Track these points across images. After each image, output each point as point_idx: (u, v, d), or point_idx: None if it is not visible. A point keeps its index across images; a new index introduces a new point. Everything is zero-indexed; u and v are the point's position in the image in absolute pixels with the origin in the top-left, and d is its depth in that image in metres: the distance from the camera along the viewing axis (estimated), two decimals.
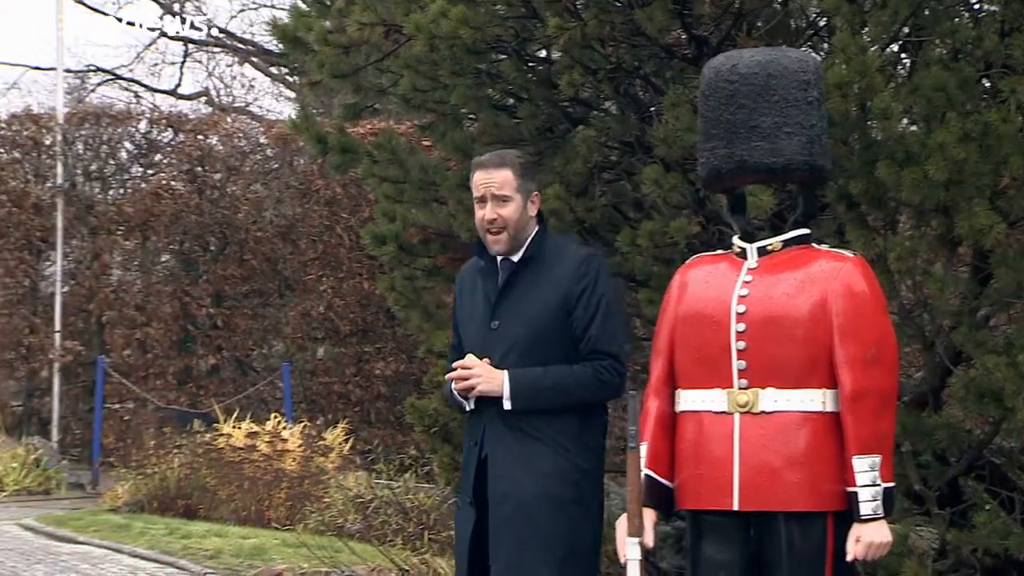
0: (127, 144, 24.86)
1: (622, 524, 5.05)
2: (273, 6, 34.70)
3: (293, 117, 9.18)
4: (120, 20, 33.89)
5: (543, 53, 8.33)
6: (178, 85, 36.83)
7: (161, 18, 35.58)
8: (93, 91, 34.91)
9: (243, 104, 36.71)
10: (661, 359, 5.22)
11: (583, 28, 7.18)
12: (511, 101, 8.33)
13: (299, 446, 16.31)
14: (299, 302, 24.18)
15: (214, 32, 34.88)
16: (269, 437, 16.32)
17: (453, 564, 9.43)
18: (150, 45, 36.58)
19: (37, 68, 35.05)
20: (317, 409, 22.39)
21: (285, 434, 16.62)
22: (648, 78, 7.95)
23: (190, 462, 16.13)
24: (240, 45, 36.38)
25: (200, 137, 24.88)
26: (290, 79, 34.49)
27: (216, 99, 36.71)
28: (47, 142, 24.10)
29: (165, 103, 32.65)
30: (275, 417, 17.52)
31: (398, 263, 8.81)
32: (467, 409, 5.53)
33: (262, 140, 25.43)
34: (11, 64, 36.02)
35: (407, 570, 9.73)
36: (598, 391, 5.43)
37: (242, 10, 36.89)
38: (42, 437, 21.89)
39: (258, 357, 24.74)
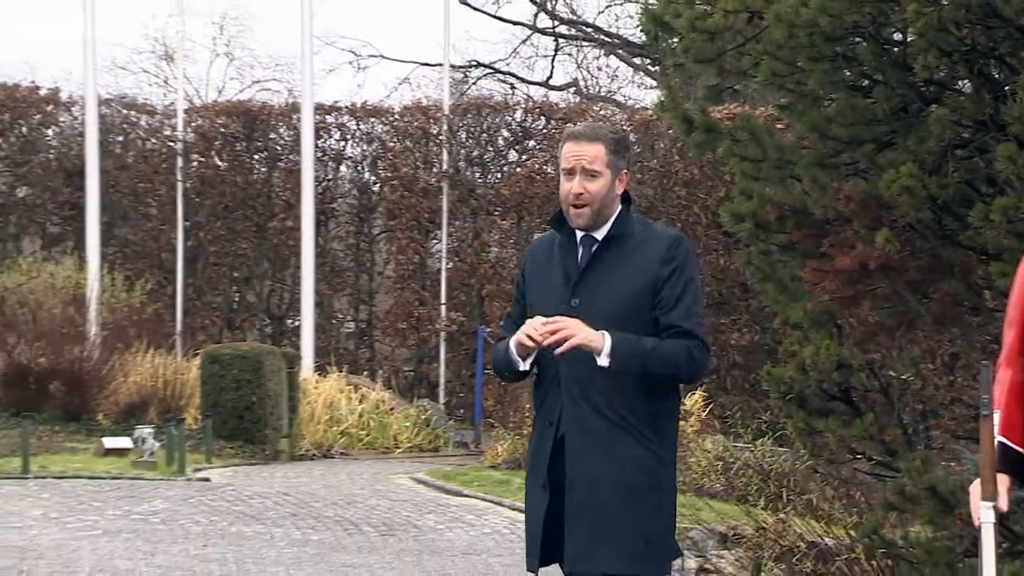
0: (504, 132, 25.25)
1: (976, 489, 4.83)
2: (637, 1, 34.72)
3: (659, 100, 9.13)
4: (499, 18, 34.51)
5: (898, 36, 8.07)
6: (550, 77, 37.22)
7: (536, 15, 36.08)
8: (474, 84, 35.56)
9: (608, 93, 36.86)
10: (1014, 329, 4.96)
11: (940, 12, 6.93)
12: (866, 83, 8.10)
13: None
14: None
15: (583, 27, 35.14)
16: None
17: (810, 524, 9.28)
18: (525, 40, 37.09)
19: (425, 64, 35.85)
20: None
21: None
22: (1003, 58, 7.62)
23: None
24: (606, 38, 36.56)
25: (569, 124, 25.04)
26: (652, 68, 34.47)
27: (584, 89, 36.97)
28: (434, 131, 24.66)
29: (538, 93, 33.02)
30: None
31: (755, 239, 8.66)
32: (521, 369, 4.93)
33: (625, 126, 25.46)
34: (403, 61, 36.96)
35: (764, 528, 9.59)
36: (687, 368, 4.88)
37: (608, 5, 36.87)
38: (431, 400, 22.44)
39: None
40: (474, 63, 36.29)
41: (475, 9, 35.79)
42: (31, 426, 14.90)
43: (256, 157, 25.34)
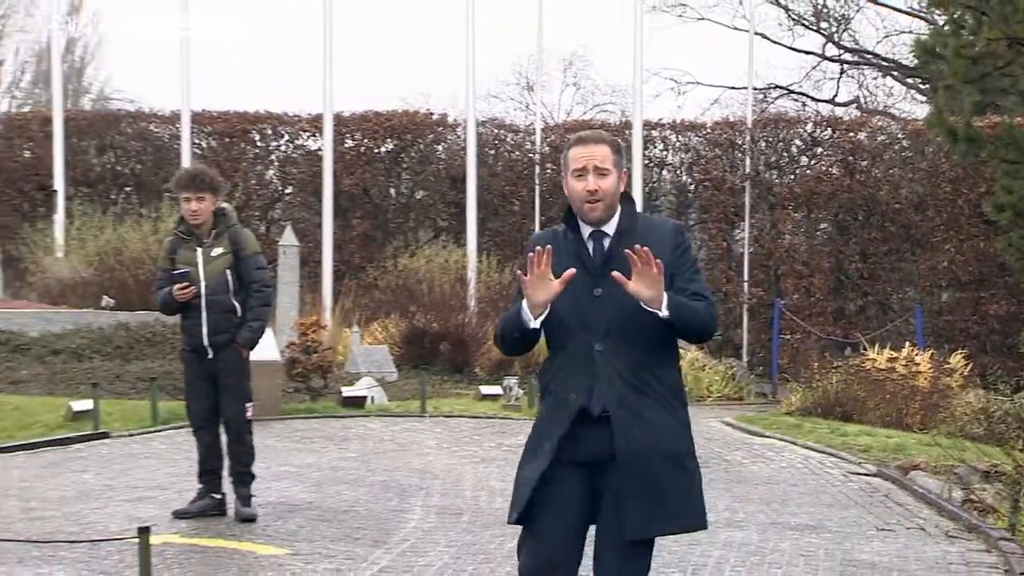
0: (797, 141, 24.79)
1: None
2: (910, 31, 33.49)
3: (928, 116, 8.80)
4: (794, 49, 33.80)
5: None
6: (835, 95, 36.33)
7: (824, 46, 35.21)
8: (772, 103, 34.95)
9: (885, 107, 35.71)
10: None
11: None
12: None
13: (929, 368, 15.74)
14: (927, 258, 23.41)
15: (863, 54, 34.11)
16: (904, 361, 15.85)
17: None
18: (816, 67, 36.31)
19: (732, 88, 35.51)
20: (942, 340, 21.55)
21: (917, 359, 16.07)
22: None
23: (844, 379, 15.90)
24: (884, 62, 35.46)
25: (851, 134, 24.48)
26: (921, 86, 33.23)
27: (864, 104, 35.92)
28: (739, 142, 24.38)
29: (825, 109, 32.24)
30: (909, 346, 16.99)
31: (1014, 226, 8.30)
32: (531, 327, 4.27)
33: (899, 135, 24.72)
34: (713, 86, 36.73)
35: (1022, 466, 9.14)
36: (711, 324, 4.33)
37: (887, 36, 35.83)
38: (736, 359, 22.22)
39: (895, 300, 24.13)
40: (772, 86, 35.71)
41: (774, 42, 35.25)
42: (426, 376, 15.36)
43: None
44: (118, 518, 8.14)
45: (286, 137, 25.80)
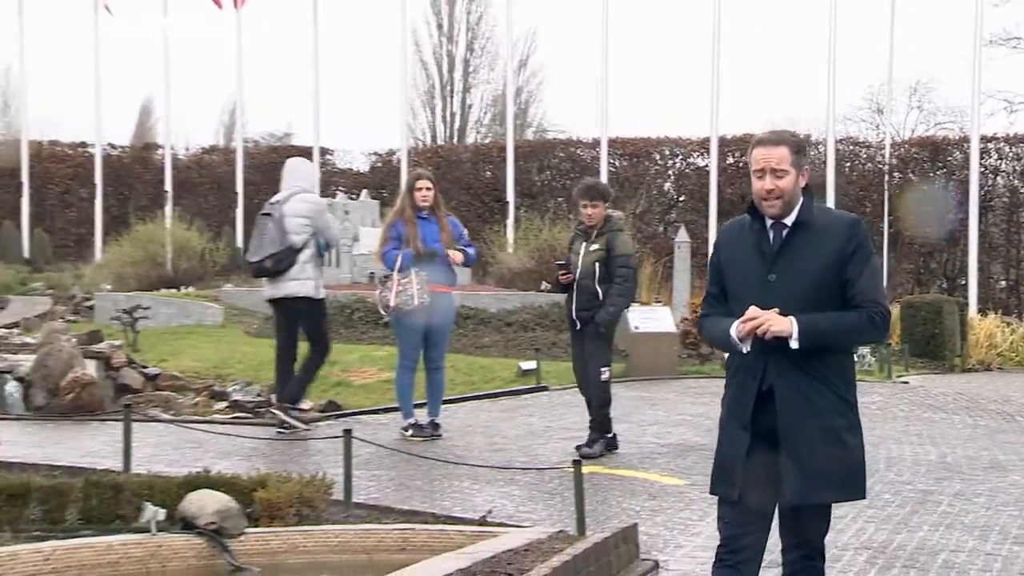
0: None
1: None
2: None
3: None
4: None
5: None
6: None
7: None
8: None
9: None
10: None
11: None
12: None
13: None
14: None
15: None
16: None
17: None
18: None
19: None
20: None
21: None
22: None
23: None
24: None
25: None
26: None
27: None
28: None
29: None
30: None
31: None
32: (744, 351, 3.78)
33: None
34: None
35: None
36: (870, 333, 3.75)
37: None
38: None
39: None
40: None
41: None
42: None
43: (937, 174, 23.96)
44: (557, 452, 8.47)
45: (680, 156, 25.84)
